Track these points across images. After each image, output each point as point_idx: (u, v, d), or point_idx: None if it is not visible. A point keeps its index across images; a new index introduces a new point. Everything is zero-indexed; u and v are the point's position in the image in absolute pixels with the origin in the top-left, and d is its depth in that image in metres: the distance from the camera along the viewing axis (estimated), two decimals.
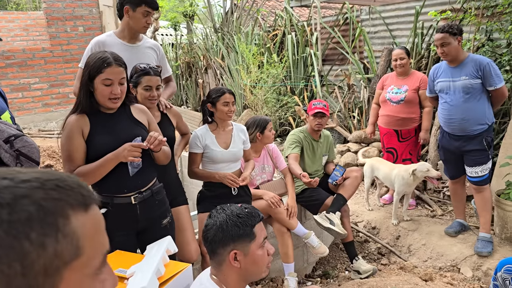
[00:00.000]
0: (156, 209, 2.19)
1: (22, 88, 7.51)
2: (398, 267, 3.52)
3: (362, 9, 6.60)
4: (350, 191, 3.44)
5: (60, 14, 7.69)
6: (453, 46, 3.20)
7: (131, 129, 2.07)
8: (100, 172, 1.97)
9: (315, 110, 3.42)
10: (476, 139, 3.25)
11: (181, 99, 10.51)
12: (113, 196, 2.04)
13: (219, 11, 9.98)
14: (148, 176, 2.15)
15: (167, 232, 2.21)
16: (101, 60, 1.95)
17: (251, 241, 1.53)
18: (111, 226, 2.03)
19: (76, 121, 1.98)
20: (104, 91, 1.95)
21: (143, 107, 2.24)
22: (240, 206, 1.60)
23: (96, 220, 0.64)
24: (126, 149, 1.94)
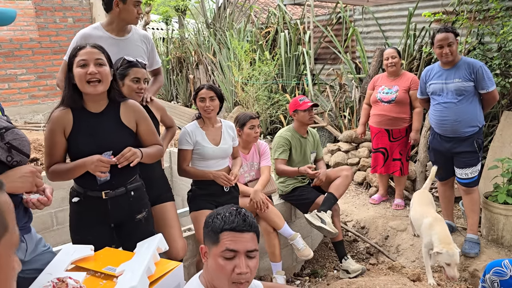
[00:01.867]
0: (129, 205, 2.14)
1: (9, 79, 7.37)
2: (386, 267, 3.53)
3: (355, 9, 6.61)
4: (341, 190, 3.43)
5: (49, 4, 7.56)
6: (456, 46, 3.23)
7: (116, 133, 2.01)
8: (70, 175, 1.96)
9: (308, 104, 3.43)
10: (467, 141, 3.28)
11: (171, 94, 10.43)
12: (86, 188, 2.04)
13: (212, 7, 9.91)
14: (123, 177, 2.09)
15: (142, 227, 2.19)
16: (75, 48, 1.95)
17: (213, 244, 1.47)
18: (83, 215, 2.05)
19: (59, 117, 1.94)
20: (80, 73, 1.88)
21: (135, 104, 2.14)
22: (235, 209, 1.54)
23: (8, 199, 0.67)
24: (94, 163, 1.88)
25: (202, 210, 2.75)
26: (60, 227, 4.55)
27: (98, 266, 1.67)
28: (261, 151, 3.33)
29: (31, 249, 1.72)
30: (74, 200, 2.07)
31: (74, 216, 2.11)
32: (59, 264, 1.63)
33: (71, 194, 2.11)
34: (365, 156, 5.00)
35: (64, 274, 1.55)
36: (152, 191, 2.53)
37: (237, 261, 1.43)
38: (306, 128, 3.55)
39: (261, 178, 3.20)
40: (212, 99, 2.68)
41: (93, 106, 1.99)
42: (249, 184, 3.25)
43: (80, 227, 2.08)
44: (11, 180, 1.52)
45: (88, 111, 1.98)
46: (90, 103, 1.98)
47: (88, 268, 1.66)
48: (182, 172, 2.78)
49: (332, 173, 3.57)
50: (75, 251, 1.73)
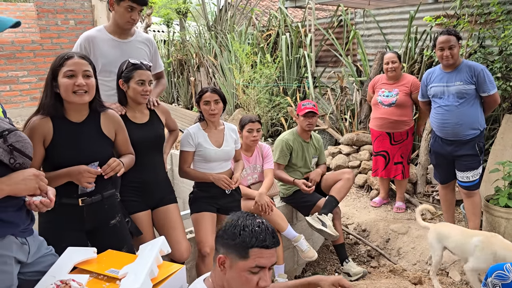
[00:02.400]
0: (104, 212, 2.12)
1: (10, 81, 7.38)
2: (387, 270, 3.53)
3: (356, 12, 6.63)
4: (342, 193, 3.44)
5: (51, 6, 7.57)
6: (457, 50, 3.23)
7: (96, 143, 2.01)
8: (51, 184, 1.87)
9: (306, 110, 3.41)
10: (469, 144, 3.28)
11: (172, 96, 10.44)
12: (61, 196, 1.94)
13: (213, 9, 9.94)
14: (104, 184, 2.07)
15: (117, 231, 2.17)
16: (62, 56, 1.92)
17: (241, 258, 1.45)
18: (55, 222, 2.01)
19: (39, 126, 1.90)
20: (67, 83, 1.87)
21: (115, 115, 2.15)
22: (259, 221, 1.52)
23: None
24: (82, 173, 1.87)
25: (203, 212, 2.75)
26: None
27: (101, 268, 1.67)
28: (264, 154, 3.33)
29: (33, 251, 1.72)
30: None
31: (45, 225, 2.03)
32: (62, 267, 1.64)
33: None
34: (366, 159, 5.00)
35: (67, 277, 1.56)
36: (156, 193, 2.54)
37: (261, 275, 1.46)
38: (308, 133, 3.54)
39: (265, 181, 3.20)
40: (216, 102, 2.68)
41: (74, 116, 1.97)
42: (252, 186, 3.25)
43: (53, 235, 1.98)
44: (14, 183, 1.52)
45: (69, 120, 1.96)
46: (71, 112, 1.96)
47: (91, 270, 1.67)
48: (183, 173, 2.78)
49: (334, 176, 3.58)
50: (78, 254, 1.73)
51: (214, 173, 2.72)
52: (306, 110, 3.41)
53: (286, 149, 3.44)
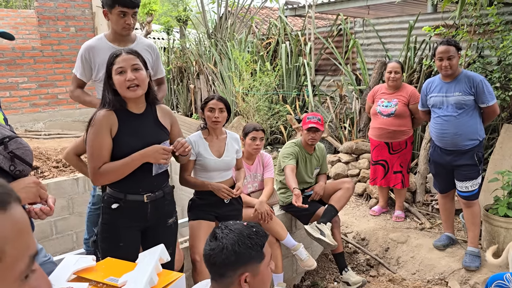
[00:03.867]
0: (165, 208, 2.24)
1: (10, 87, 7.38)
2: (387, 279, 3.52)
3: (356, 21, 6.67)
4: (342, 203, 3.44)
5: (52, 13, 7.60)
6: (456, 60, 3.23)
7: (156, 133, 2.12)
8: (124, 170, 2.01)
9: (309, 125, 3.39)
10: (468, 154, 3.29)
11: (172, 103, 10.45)
12: (126, 193, 2.08)
13: (213, 17, 9.99)
14: (163, 178, 2.20)
15: (171, 231, 2.28)
16: (112, 55, 2.04)
17: (260, 261, 1.46)
18: (120, 221, 2.07)
19: (106, 118, 2.00)
20: (119, 80, 1.98)
21: (167, 109, 2.27)
22: (246, 225, 1.52)
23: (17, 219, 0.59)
24: (158, 151, 2.00)
25: (200, 220, 2.74)
26: (59, 236, 4.54)
27: (100, 276, 1.66)
28: (265, 163, 3.33)
29: None
30: (114, 206, 2.08)
31: (109, 224, 2.12)
32: (61, 275, 1.63)
33: (107, 201, 2.11)
34: (365, 167, 5.01)
35: (66, 285, 1.55)
36: None
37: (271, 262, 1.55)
38: (312, 146, 3.53)
39: (266, 190, 3.19)
40: (221, 111, 2.68)
41: (135, 108, 2.09)
42: (252, 195, 3.25)
43: (117, 235, 2.10)
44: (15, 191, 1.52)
45: (131, 112, 2.07)
46: (131, 105, 2.07)
47: (90, 278, 1.66)
48: (183, 181, 2.78)
49: (333, 185, 3.58)
50: (77, 262, 1.73)
51: (214, 182, 2.72)
52: (309, 124, 3.38)
53: (294, 154, 3.43)
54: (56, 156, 5.97)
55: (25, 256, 0.59)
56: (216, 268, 1.44)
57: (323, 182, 3.61)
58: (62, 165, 5.72)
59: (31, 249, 0.60)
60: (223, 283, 1.45)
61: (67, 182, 4.57)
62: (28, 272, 0.59)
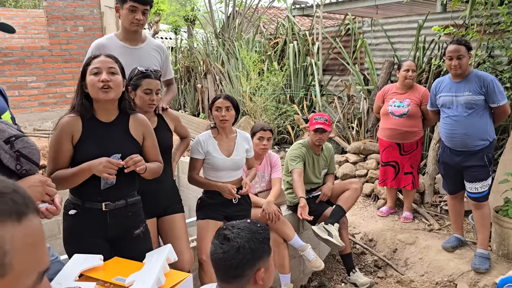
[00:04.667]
0: (128, 220, 2.10)
1: (19, 86, 7.43)
2: (395, 280, 3.49)
3: (364, 20, 6.63)
4: (350, 203, 3.41)
5: (60, 13, 7.64)
6: (466, 60, 3.20)
7: (122, 144, 2.01)
8: (74, 180, 1.92)
9: (316, 126, 3.37)
10: (477, 155, 3.25)
11: (179, 103, 10.47)
12: (84, 200, 1.99)
13: (221, 17, 9.99)
14: (125, 189, 2.06)
15: (140, 242, 2.14)
16: (89, 57, 1.99)
17: (269, 255, 1.49)
18: (79, 228, 2.01)
19: (68, 124, 1.94)
20: (93, 80, 1.91)
21: (144, 119, 2.14)
22: (250, 222, 1.53)
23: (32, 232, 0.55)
24: (102, 164, 1.87)
25: (208, 219, 2.73)
26: None
27: (108, 276, 1.66)
28: (273, 163, 3.31)
29: None
30: (71, 212, 1.99)
31: (69, 230, 2.04)
32: (68, 274, 1.63)
33: (67, 207, 2.04)
34: (373, 168, 4.97)
35: (74, 284, 1.54)
36: (162, 202, 2.52)
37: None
38: (319, 147, 3.51)
39: (273, 190, 3.18)
40: (228, 109, 2.66)
41: (104, 116, 2.00)
42: (259, 194, 3.24)
43: (76, 241, 2.01)
44: None
45: (98, 120, 1.99)
46: (100, 112, 1.99)
47: (97, 278, 1.65)
48: (191, 180, 2.77)
49: (341, 186, 3.55)
50: (85, 261, 1.72)
51: (222, 181, 2.71)
52: (316, 125, 3.37)
53: (301, 156, 3.41)
54: None
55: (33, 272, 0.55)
56: (232, 270, 1.40)
57: (331, 183, 3.58)
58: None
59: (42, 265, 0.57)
60: (237, 284, 1.42)
61: None
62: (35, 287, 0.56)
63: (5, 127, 1.54)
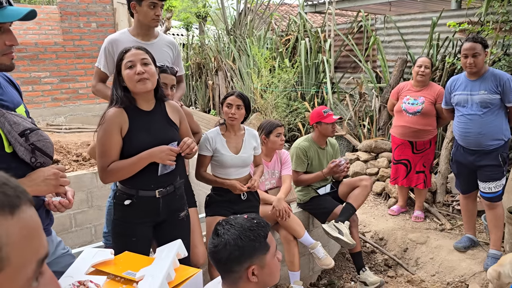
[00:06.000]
0: (176, 202, 2.22)
1: (33, 81, 7.52)
2: (405, 280, 3.46)
3: (377, 17, 6.57)
4: (360, 201, 3.39)
5: (74, 9, 7.70)
6: (482, 58, 3.15)
7: (167, 130, 2.11)
8: (133, 169, 2.01)
9: (334, 117, 3.37)
10: (492, 154, 3.20)
11: (190, 99, 10.50)
12: (138, 189, 2.08)
13: (232, 14, 9.97)
14: (174, 175, 2.19)
15: (182, 225, 2.27)
16: (121, 51, 2.05)
17: (266, 252, 1.48)
18: (133, 216, 2.08)
19: (116, 116, 2.00)
20: (129, 74, 1.97)
21: (176, 105, 2.24)
22: (246, 217, 1.54)
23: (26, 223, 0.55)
24: (165, 152, 1.99)
25: (217, 216, 2.74)
26: (78, 229, 4.61)
27: (118, 270, 1.67)
28: (283, 160, 3.30)
29: (51, 252, 1.73)
30: (126, 202, 2.08)
31: (121, 220, 2.13)
32: (80, 267, 1.64)
33: (120, 198, 2.11)
34: (384, 166, 4.93)
35: (85, 278, 1.56)
36: None
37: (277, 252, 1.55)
38: (325, 139, 3.50)
39: (284, 187, 3.17)
40: (238, 108, 2.66)
41: (145, 105, 2.08)
42: (269, 191, 3.23)
43: (129, 230, 2.11)
44: (35, 183, 1.53)
45: (141, 109, 2.06)
46: (140, 102, 2.06)
47: (108, 272, 1.66)
48: (199, 177, 2.78)
49: (351, 183, 3.53)
50: (95, 255, 1.74)
51: (231, 178, 2.71)
52: (333, 116, 3.38)
53: (302, 155, 3.40)
54: (76, 150, 6.06)
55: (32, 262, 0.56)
56: (221, 264, 1.47)
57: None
58: (82, 159, 5.80)
59: (40, 254, 0.57)
60: (231, 279, 1.47)
61: (86, 176, 4.64)
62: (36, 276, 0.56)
63: (20, 120, 1.56)
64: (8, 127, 1.50)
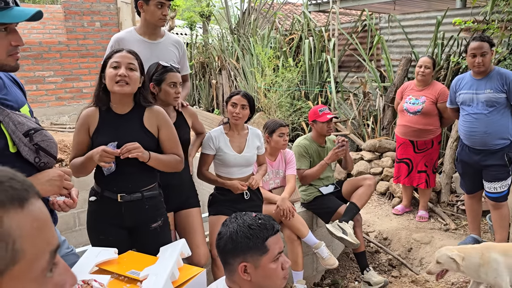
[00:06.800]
0: (145, 213, 2.14)
1: (37, 80, 7.54)
2: (409, 280, 3.45)
3: (381, 16, 6.54)
4: (363, 200, 3.37)
5: (78, 8, 7.71)
6: (489, 57, 3.13)
7: (136, 135, 2.02)
8: (84, 167, 2.03)
9: (328, 116, 3.37)
10: (497, 154, 3.18)
11: (194, 99, 10.50)
12: (103, 188, 2.10)
13: (236, 13, 9.96)
14: (140, 182, 2.11)
15: (157, 235, 2.17)
16: (112, 51, 2.06)
17: (262, 254, 1.46)
18: (99, 214, 2.10)
19: (86, 115, 2.04)
20: (111, 74, 1.97)
21: (160, 110, 2.14)
22: (254, 216, 1.54)
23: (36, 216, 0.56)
24: (98, 153, 1.92)
25: (220, 215, 2.74)
26: (82, 228, 4.62)
27: (122, 269, 1.67)
28: (287, 160, 3.30)
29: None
30: (91, 199, 2.14)
31: (90, 215, 2.20)
32: (84, 266, 1.64)
33: (90, 193, 2.18)
34: (388, 165, 4.92)
35: (89, 277, 1.56)
36: (179, 196, 2.53)
37: (281, 259, 1.52)
38: (324, 137, 3.50)
39: (288, 186, 3.17)
40: (243, 107, 2.66)
41: (119, 108, 2.05)
42: (273, 191, 3.23)
43: (96, 227, 2.15)
44: (39, 183, 1.53)
45: (114, 112, 2.05)
46: (116, 104, 2.04)
47: (112, 271, 1.67)
48: (200, 175, 2.78)
49: (354, 182, 3.52)
50: (99, 254, 1.74)
51: (234, 177, 2.71)
52: (327, 115, 3.37)
53: (304, 152, 3.42)
54: None
55: (45, 253, 0.57)
56: (220, 253, 1.53)
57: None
58: None
59: (52, 244, 0.59)
60: (227, 269, 1.52)
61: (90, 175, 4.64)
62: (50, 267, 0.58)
63: (24, 120, 1.56)
64: (13, 127, 1.51)
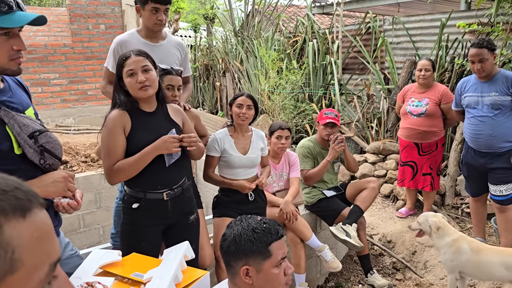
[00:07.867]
0: (185, 205, 2.23)
1: (42, 83, 7.58)
2: (413, 283, 3.43)
3: (385, 19, 6.53)
4: (367, 203, 3.37)
5: (83, 11, 7.76)
6: (490, 62, 3.12)
7: (168, 128, 2.12)
8: (138, 166, 2.02)
9: (327, 120, 3.37)
10: (503, 156, 3.17)
11: (198, 101, 10.52)
12: (146, 191, 2.09)
13: (240, 15, 9.98)
14: (180, 173, 2.20)
15: (192, 228, 2.26)
16: (121, 57, 2.07)
17: (265, 259, 1.46)
18: (142, 220, 2.08)
19: (119, 117, 2.03)
20: (131, 83, 2.01)
21: (177, 107, 2.26)
22: (260, 219, 1.54)
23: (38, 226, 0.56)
24: (167, 141, 2.01)
25: (224, 217, 2.74)
26: (86, 229, 4.63)
27: (126, 272, 1.67)
28: (291, 162, 3.30)
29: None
30: (134, 206, 2.09)
31: (130, 223, 2.13)
32: (88, 269, 1.65)
33: (128, 202, 2.12)
34: (392, 168, 4.90)
35: (93, 279, 1.56)
36: None
37: (284, 264, 1.52)
38: (327, 140, 3.49)
39: (291, 189, 3.16)
40: (249, 108, 2.67)
41: (147, 106, 2.11)
42: (277, 194, 3.23)
43: (137, 234, 2.11)
44: (44, 185, 1.54)
45: (143, 111, 2.09)
46: (142, 104, 2.09)
47: (116, 273, 1.67)
48: (207, 177, 2.78)
49: (358, 185, 3.51)
50: (103, 256, 1.74)
51: (239, 179, 2.71)
52: (327, 119, 3.37)
53: (307, 153, 3.43)
54: (85, 151, 6.09)
55: (45, 264, 0.57)
56: (223, 255, 1.54)
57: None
58: (91, 160, 5.83)
59: (52, 257, 0.58)
60: (230, 272, 1.52)
61: (95, 177, 4.67)
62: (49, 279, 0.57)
63: (29, 122, 1.57)
64: (18, 129, 1.52)
